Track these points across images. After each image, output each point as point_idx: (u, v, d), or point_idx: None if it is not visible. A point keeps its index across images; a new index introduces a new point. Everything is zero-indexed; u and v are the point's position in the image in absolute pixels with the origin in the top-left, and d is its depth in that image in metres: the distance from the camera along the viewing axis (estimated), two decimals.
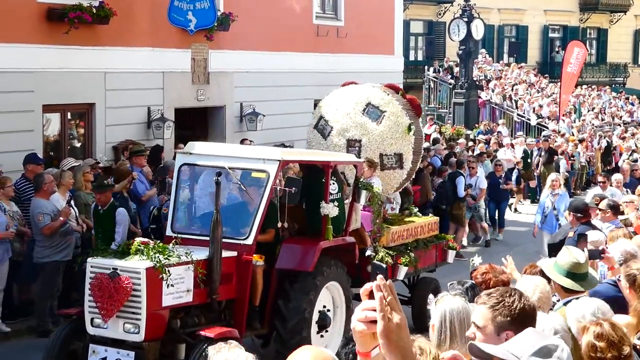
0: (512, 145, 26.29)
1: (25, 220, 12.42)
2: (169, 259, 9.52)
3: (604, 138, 30.28)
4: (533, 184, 25.31)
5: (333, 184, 11.49)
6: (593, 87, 39.77)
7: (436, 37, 36.73)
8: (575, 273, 6.83)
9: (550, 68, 41.33)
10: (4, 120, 14.30)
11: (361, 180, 12.22)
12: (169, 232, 10.73)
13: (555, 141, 27.24)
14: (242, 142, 18.36)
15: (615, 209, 12.10)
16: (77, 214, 12.78)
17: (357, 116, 13.45)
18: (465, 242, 19.47)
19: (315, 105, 15.01)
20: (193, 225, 10.90)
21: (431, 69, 33.28)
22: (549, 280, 6.85)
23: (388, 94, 13.59)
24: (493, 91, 32.55)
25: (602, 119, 35.04)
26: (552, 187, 16.19)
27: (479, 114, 31.13)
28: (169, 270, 9.45)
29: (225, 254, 10.11)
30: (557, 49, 42.49)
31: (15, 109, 14.56)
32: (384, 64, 23.67)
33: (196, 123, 19.02)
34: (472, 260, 8.63)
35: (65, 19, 15.05)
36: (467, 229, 19.54)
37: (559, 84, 33.74)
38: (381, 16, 23.70)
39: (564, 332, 5.25)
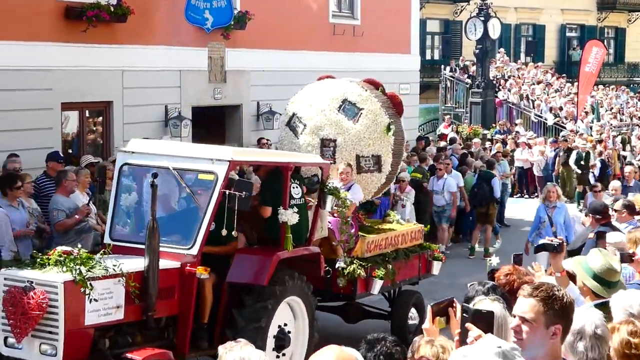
0: (529, 145, 26.22)
1: (45, 217, 12.50)
2: (92, 272, 8.48)
3: (621, 137, 30.15)
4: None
5: (295, 187, 10.57)
6: (612, 87, 39.58)
7: (453, 36, 36.67)
8: (609, 280, 6.52)
9: (567, 67, 41.17)
10: (24, 118, 14.39)
11: (327, 184, 11.13)
12: (106, 240, 9.77)
13: (574, 141, 27.15)
14: (259, 141, 18.42)
15: (631, 208, 11.97)
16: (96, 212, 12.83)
17: (332, 113, 12.30)
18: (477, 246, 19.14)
19: None
20: (135, 233, 9.84)
21: (448, 68, 33.22)
22: (572, 278, 6.77)
23: (366, 90, 12.48)
24: (510, 91, 32.48)
25: (621, 119, 34.88)
26: (548, 198, 14.20)
27: (496, 113, 31.06)
28: (91, 284, 8.40)
29: (166, 265, 9.17)
30: (574, 47, 42.31)
31: (34, 106, 14.66)
32: (400, 63, 23.66)
33: (213, 121, 19.07)
34: (490, 260, 8.59)
35: (84, 17, 15.13)
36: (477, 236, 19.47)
37: (576, 83, 33.60)
38: (397, 15, 23.67)
39: (604, 327, 5.22)
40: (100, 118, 16.42)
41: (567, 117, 31.44)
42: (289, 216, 10.11)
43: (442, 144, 24.04)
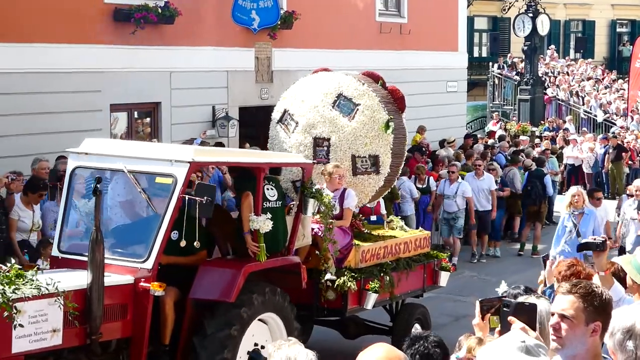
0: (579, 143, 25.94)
1: None
2: (19, 292, 7.35)
3: None
4: None
5: (270, 189, 9.64)
6: None
7: (501, 33, 36.37)
8: None
9: (617, 63, 40.62)
10: (73, 120, 14.57)
11: (308, 186, 9.98)
12: (54, 253, 8.89)
13: (625, 137, 26.79)
14: None
15: None
16: None
17: (326, 110, 11.14)
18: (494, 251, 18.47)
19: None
20: (86, 244, 8.45)
21: (496, 65, 32.97)
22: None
23: (363, 84, 11.25)
24: (559, 87, 32.14)
25: None
26: (573, 204, 12.40)
27: (545, 110, 30.75)
28: (15, 307, 7.29)
29: (117, 280, 8.26)
30: (624, 43, 41.73)
31: (84, 108, 14.84)
32: (447, 61, 23.54)
33: (260, 121, 19.08)
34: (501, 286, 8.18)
35: (132, 19, 15.29)
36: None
37: (626, 79, 33.15)
38: (445, 12, 23.55)
39: None
40: (149, 119, 16.57)
41: (617, 114, 31.02)
42: (261, 223, 9.06)
43: (490, 141, 23.86)
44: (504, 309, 4.46)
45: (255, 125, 18.96)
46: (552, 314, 4.37)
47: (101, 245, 7.90)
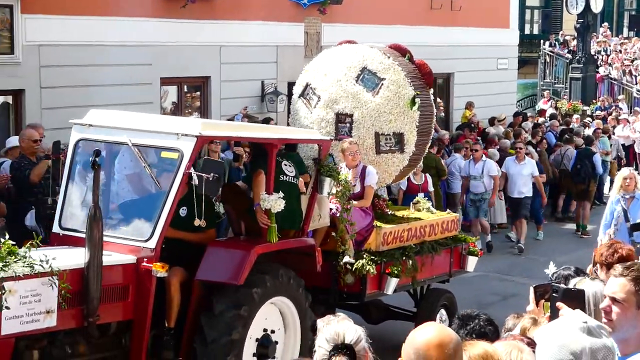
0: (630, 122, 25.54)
1: None
2: (8, 270, 6.92)
3: None
4: None
5: (289, 165, 9.25)
6: None
7: (553, 10, 35.89)
8: None
9: None
10: (124, 93, 14.67)
11: (324, 164, 9.49)
12: (55, 229, 8.46)
13: None
14: None
15: None
16: None
17: (349, 84, 10.61)
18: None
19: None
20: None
21: (547, 43, 32.56)
22: None
23: (389, 57, 10.66)
24: (611, 66, 31.65)
25: None
26: (624, 188, 11.68)
27: (597, 89, 30.33)
28: (4, 287, 6.86)
29: (118, 260, 7.86)
30: None
31: (134, 81, 14.95)
32: (498, 38, 23.30)
33: None
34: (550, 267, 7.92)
35: None
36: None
37: None
38: None
39: None
40: (198, 93, 16.64)
41: None
42: (273, 202, 8.55)
43: (541, 120, 23.62)
44: (553, 294, 4.44)
45: None
46: (604, 297, 4.33)
47: (99, 222, 7.34)
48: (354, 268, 9.76)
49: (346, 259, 9.70)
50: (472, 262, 11.45)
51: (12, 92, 13.72)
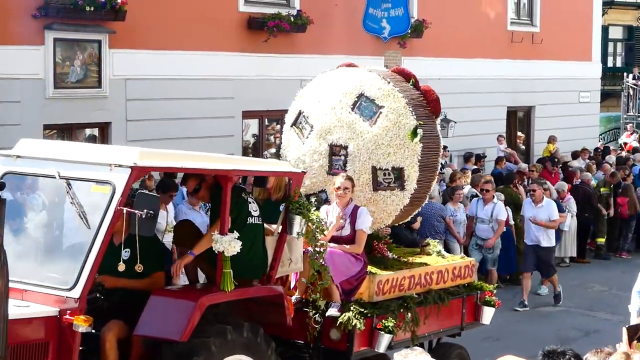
0: None
1: None
2: None
3: None
4: None
5: (253, 202, 7.99)
6: None
7: (636, 42, 35.38)
8: None
9: None
10: (207, 126, 14.96)
11: (294, 200, 8.15)
12: None
13: None
14: None
15: None
16: None
17: (344, 112, 9.42)
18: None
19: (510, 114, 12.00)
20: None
21: (630, 75, 32.03)
22: None
23: (389, 82, 9.42)
24: None
25: None
26: None
27: None
28: None
29: (34, 312, 6.73)
30: None
31: (217, 114, 15.23)
32: (580, 71, 23.08)
33: None
34: None
35: (265, 27, 15.59)
36: None
37: None
38: (578, 21, 23.09)
39: None
40: (279, 126, 16.82)
41: None
42: (226, 244, 7.34)
43: (624, 153, 23.23)
44: None
45: None
46: None
47: (4, 268, 6.03)
48: (337, 322, 8.48)
49: (330, 311, 8.49)
50: (488, 314, 10.03)
51: (99, 124, 14.09)
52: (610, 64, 34.88)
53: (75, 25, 13.30)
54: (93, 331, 6.88)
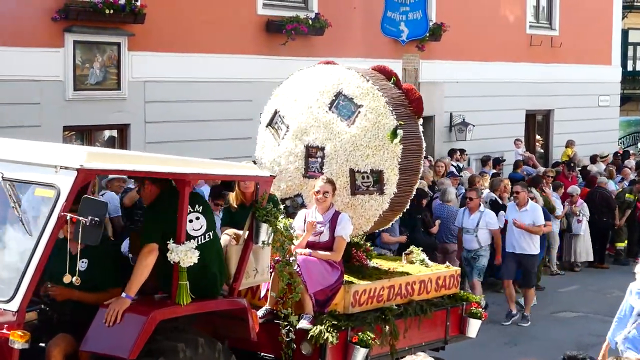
0: None
1: None
2: None
3: None
4: None
5: (196, 218, 7.14)
6: None
7: None
8: None
9: None
10: (225, 128, 14.99)
11: (260, 207, 7.52)
12: None
13: None
14: (451, 153, 18.33)
15: None
16: None
17: (321, 112, 8.88)
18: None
19: (530, 116, 11.60)
20: None
21: None
22: None
23: (368, 80, 8.86)
24: None
25: None
26: None
27: None
28: None
29: None
30: None
31: (235, 117, 15.24)
32: (600, 75, 23.00)
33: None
34: None
35: (283, 30, 15.61)
36: None
37: None
38: (598, 25, 23.01)
39: None
40: None
41: None
42: (182, 254, 6.78)
43: None
44: None
45: None
46: None
47: None
48: (309, 336, 7.88)
49: (301, 323, 7.93)
50: (474, 326, 9.37)
51: (118, 126, 14.15)
52: (630, 67, 34.69)
53: (94, 28, 13.36)
54: (42, 344, 6.51)
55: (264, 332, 7.83)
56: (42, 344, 6.56)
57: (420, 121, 9.10)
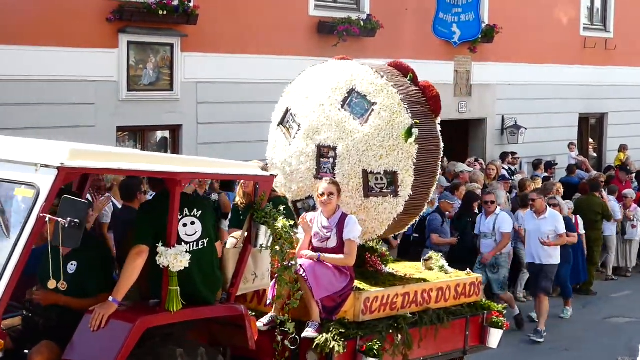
0: None
1: None
2: None
3: None
4: None
5: (191, 223, 6.71)
6: None
7: None
8: None
9: None
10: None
11: (259, 208, 7.14)
12: None
13: None
14: (502, 155, 18.20)
15: None
16: None
17: (333, 109, 8.41)
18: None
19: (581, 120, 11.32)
20: None
21: None
22: None
23: (382, 76, 8.40)
24: None
25: None
26: None
27: None
28: None
29: None
30: None
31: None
32: None
33: (457, 135, 19.05)
34: None
35: (335, 31, 15.63)
36: None
37: None
38: None
39: None
40: None
41: None
42: (172, 258, 6.39)
43: None
44: None
45: (452, 139, 18.92)
46: None
47: None
48: (314, 344, 7.42)
49: (307, 331, 7.45)
50: (495, 336, 8.88)
51: (170, 127, 14.28)
52: None
53: (148, 29, 13.50)
54: (26, 351, 6.20)
55: (267, 340, 7.46)
56: (27, 351, 6.24)
57: (438, 120, 8.63)
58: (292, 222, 7.22)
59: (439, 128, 8.60)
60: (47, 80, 12.63)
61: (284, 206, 7.45)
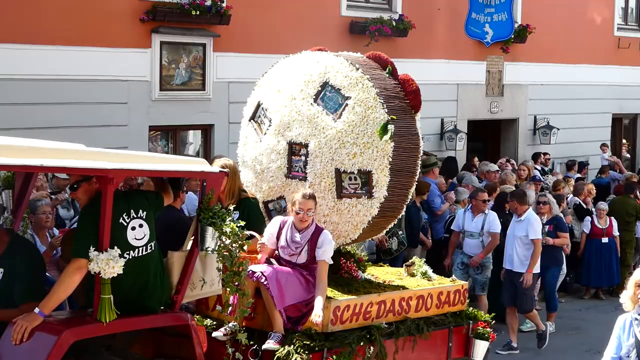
0: None
1: None
2: None
3: None
4: None
5: (139, 226, 6.17)
6: None
7: None
8: None
9: None
10: None
11: (206, 207, 6.50)
12: None
13: None
14: (536, 156, 18.12)
15: None
16: None
17: (305, 104, 7.79)
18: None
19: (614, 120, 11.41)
20: None
21: None
22: None
23: (358, 69, 7.75)
24: None
25: None
26: None
27: None
28: None
29: None
30: None
31: None
32: None
33: (489, 135, 19.00)
34: None
35: (367, 31, 15.62)
36: None
37: None
38: None
39: None
40: None
41: None
42: (103, 264, 5.79)
43: None
44: None
45: (484, 139, 18.90)
46: None
47: None
48: (275, 357, 6.89)
49: (268, 343, 6.89)
50: (481, 348, 8.22)
51: (202, 126, 14.34)
52: None
53: (181, 29, 13.57)
54: None
55: (225, 351, 6.89)
56: None
57: (418, 116, 7.97)
58: (242, 224, 6.60)
59: (419, 125, 7.96)
60: (81, 80, 12.74)
61: (255, 206, 7.21)
